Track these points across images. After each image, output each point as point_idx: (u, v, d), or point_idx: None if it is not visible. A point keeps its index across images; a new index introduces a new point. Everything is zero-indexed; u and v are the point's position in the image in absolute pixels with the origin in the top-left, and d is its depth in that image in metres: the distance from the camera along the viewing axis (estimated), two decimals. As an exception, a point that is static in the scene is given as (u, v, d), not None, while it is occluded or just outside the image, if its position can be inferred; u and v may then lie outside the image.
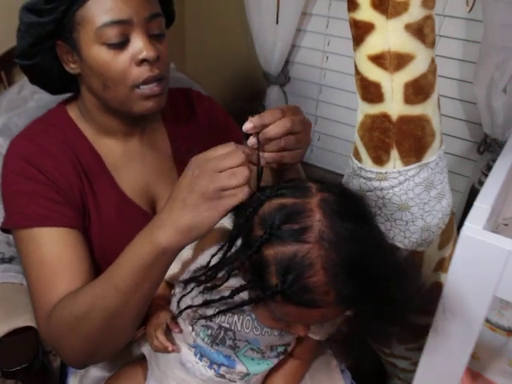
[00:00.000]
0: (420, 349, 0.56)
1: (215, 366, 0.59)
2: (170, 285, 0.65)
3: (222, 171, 0.47)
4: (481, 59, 0.89)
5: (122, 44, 0.60)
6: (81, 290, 0.56)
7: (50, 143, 0.66)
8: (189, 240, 0.49)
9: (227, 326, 0.57)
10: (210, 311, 0.55)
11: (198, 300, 0.54)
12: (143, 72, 0.61)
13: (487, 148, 1.00)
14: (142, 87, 0.62)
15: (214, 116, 0.84)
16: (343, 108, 1.22)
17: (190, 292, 0.55)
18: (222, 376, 0.60)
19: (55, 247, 0.60)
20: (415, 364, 0.58)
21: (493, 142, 0.97)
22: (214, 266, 0.51)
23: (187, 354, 0.60)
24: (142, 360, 0.70)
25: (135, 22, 0.60)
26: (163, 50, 0.64)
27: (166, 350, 0.59)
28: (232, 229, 0.49)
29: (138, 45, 0.60)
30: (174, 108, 0.80)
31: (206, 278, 0.51)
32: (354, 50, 0.55)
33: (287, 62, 1.24)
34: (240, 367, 0.60)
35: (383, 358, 0.89)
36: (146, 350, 0.68)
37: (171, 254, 0.51)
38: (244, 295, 0.51)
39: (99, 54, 0.60)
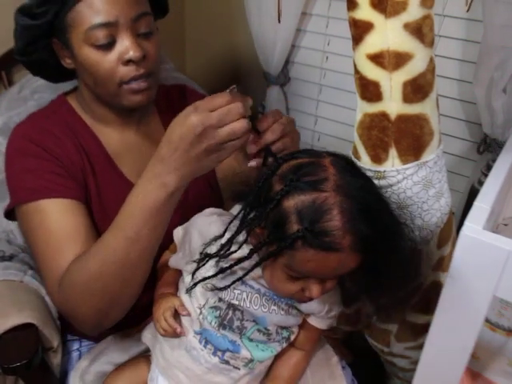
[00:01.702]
0: (419, 348, 0.56)
1: (219, 353, 0.60)
2: (178, 271, 0.66)
3: (223, 126, 0.51)
4: (481, 59, 0.89)
5: (109, 45, 0.63)
6: (90, 249, 0.59)
7: (52, 125, 0.69)
8: (192, 179, 0.55)
9: (236, 302, 0.58)
10: (224, 283, 0.56)
11: (213, 272, 0.56)
12: (129, 71, 0.64)
13: (487, 148, 1.00)
14: (130, 83, 0.65)
15: None
16: (343, 108, 1.22)
17: (204, 264, 0.57)
18: (227, 362, 0.61)
19: (62, 217, 0.63)
20: (414, 363, 0.58)
21: (492, 141, 0.97)
22: (235, 229, 0.53)
23: (192, 341, 0.61)
24: (145, 354, 0.71)
25: (122, 23, 0.62)
26: (151, 47, 0.66)
27: (174, 333, 0.60)
28: (248, 194, 0.53)
29: (124, 45, 0.63)
30: (169, 102, 0.83)
31: (225, 244, 0.54)
32: (354, 49, 0.55)
33: (287, 62, 1.24)
34: (244, 352, 0.61)
35: (382, 357, 0.89)
36: (149, 341, 0.68)
37: (178, 195, 0.56)
38: (247, 265, 0.53)
39: (88, 55, 0.63)
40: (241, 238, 0.53)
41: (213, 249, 0.56)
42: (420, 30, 0.51)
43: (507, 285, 0.44)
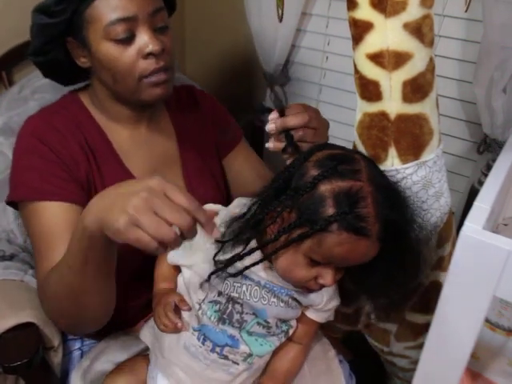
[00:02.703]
0: (419, 347, 0.56)
1: (218, 349, 0.61)
2: (176, 267, 0.66)
3: (159, 215, 0.45)
4: (480, 59, 0.89)
5: (128, 39, 0.64)
6: (54, 268, 0.59)
7: (59, 122, 0.70)
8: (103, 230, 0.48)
9: (236, 295, 0.58)
10: (234, 269, 0.56)
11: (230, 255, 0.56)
12: (149, 65, 0.65)
13: (487, 148, 1.00)
14: (150, 77, 0.66)
15: (218, 112, 0.89)
16: (343, 108, 1.22)
17: (221, 249, 0.56)
18: (226, 357, 0.61)
19: (58, 219, 0.64)
20: (414, 363, 0.58)
21: (492, 142, 0.97)
22: (258, 210, 0.54)
23: (190, 338, 0.61)
24: (144, 354, 0.71)
25: (140, 17, 0.63)
26: (167, 41, 0.67)
27: (175, 328, 0.61)
28: (276, 177, 0.55)
29: (144, 39, 0.64)
30: (178, 101, 0.84)
31: (250, 224, 0.54)
32: (353, 48, 0.55)
33: (287, 62, 1.24)
34: (243, 347, 0.61)
35: (382, 357, 0.89)
36: (148, 340, 0.69)
37: (99, 238, 0.49)
38: (246, 262, 0.54)
39: (108, 50, 0.64)
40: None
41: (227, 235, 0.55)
42: (420, 30, 0.51)
43: (507, 285, 0.44)
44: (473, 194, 1.03)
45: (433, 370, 0.56)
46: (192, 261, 0.61)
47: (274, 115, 0.60)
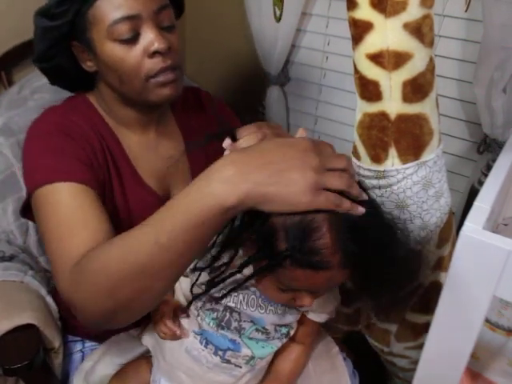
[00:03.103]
0: (419, 348, 0.56)
1: (220, 353, 0.60)
2: None
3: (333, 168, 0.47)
4: (480, 59, 0.89)
5: (133, 38, 0.62)
6: (116, 239, 0.50)
7: (78, 117, 0.68)
8: (254, 207, 0.43)
9: (233, 305, 0.58)
10: (217, 294, 0.56)
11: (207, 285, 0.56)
12: (156, 63, 0.63)
13: (487, 148, 1.00)
14: (157, 76, 0.64)
15: (223, 114, 0.88)
16: (343, 108, 1.22)
17: (197, 279, 0.56)
18: (228, 361, 0.61)
19: (75, 202, 0.59)
20: (414, 363, 0.58)
21: (492, 142, 0.97)
22: (221, 243, 0.52)
23: (192, 342, 0.61)
24: (147, 356, 0.71)
25: (144, 16, 0.62)
26: (174, 40, 0.66)
27: (174, 336, 0.60)
28: None
29: (149, 38, 0.62)
30: (184, 104, 0.83)
31: (213, 258, 0.53)
32: (353, 48, 0.55)
33: (287, 62, 1.24)
34: (245, 350, 0.61)
35: (382, 357, 0.89)
36: (150, 343, 0.68)
37: (234, 214, 0.44)
38: (248, 271, 0.52)
39: (113, 51, 0.62)
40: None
41: (206, 259, 0.55)
42: (420, 30, 0.51)
43: (507, 285, 0.44)
44: (473, 194, 1.03)
45: (433, 370, 0.56)
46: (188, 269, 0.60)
47: (227, 142, 0.53)
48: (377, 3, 0.50)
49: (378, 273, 0.49)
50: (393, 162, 0.56)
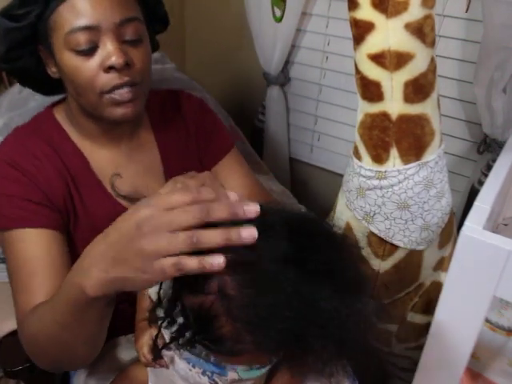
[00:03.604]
0: (420, 348, 0.56)
1: (208, 373, 0.57)
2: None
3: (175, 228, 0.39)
4: (481, 59, 0.89)
5: (90, 50, 0.59)
6: (38, 308, 0.55)
7: (35, 145, 0.66)
8: (119, 290, 0.43)
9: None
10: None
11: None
12: (111, 79, 0.60)
13: (487, 148, 1.00)
14: (112, 93, 0.61)
15: (202, 121, 0.82)
16: (343, 108, 1.22)
17: (159, 332, 0.52)
18: (216, 383, 0.59)
19: (33, 250, 0.60)
20: (415, 363, 0.58)
21: (492, 142, 0.97)
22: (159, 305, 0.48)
23: (179, 362, 0.58)
24: None
25: (104, 27, 0.58)
26: (138, 56, 0.62)
27: (154, 367, 0.58)
28: None
29: (106, 51, 0.59)
30: (162, 111, 0.78)
31: (164, 316, 0.48)
32: (355, 49, 0.55)
33: (287, 62, 1.24)
34: (232, 374, 0.57)
35: (383, 358, 0.89)
36: None
37: (103, 302, 0.45)
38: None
39: (69, 60, 0.60)
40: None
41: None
42: (421, 30, 0.51)
43: (507, 285, 0.44)
44: (473, 194, 1.03)
45: (433, 370, 0.56)
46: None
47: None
48: (378, 3, 0.51)
49: (304, 347, 0.41)
50: (394, 162, 0.56)
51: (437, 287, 0.69)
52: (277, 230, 0.41)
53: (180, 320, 0.45)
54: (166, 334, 0.53)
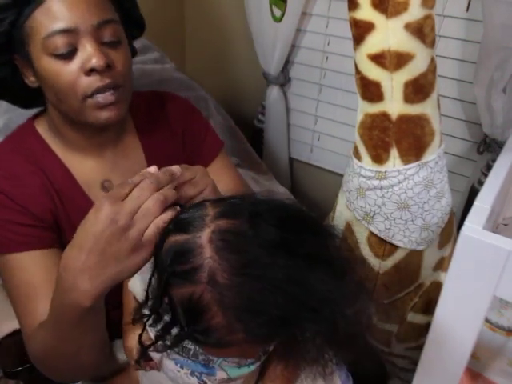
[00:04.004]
0: (420, 348, 0.56)
1: (197, 374, 0.57)
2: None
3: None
4: (480, 59, 0.89)
5: (69, 54, 0.58)
6: (39, 328, 0.56)
7: (17, 164, 0.65)
8: (114, 284, 0.46)
9: (192, 347, 0.55)
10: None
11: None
12: (93, 82, 0.59)
13: (487, 148, 1.00)
14: (95, 96, 0.60)
15: (189, 121, 0.81)
16: (343, 108, 1.22)
17: (144, 329, 0.53)
18: (205, 383, 0.58)
19: (29, 271, 0.60)
20: (415, 363, 0.58)
21: (492, 142, 0.98)
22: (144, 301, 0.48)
23: (168, 363, 0.58)
24: None
25: (82, 30, 0.57)
26: (118, 57, 0.61)
27: (144, 370, 0.58)
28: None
29: (86, 53, 0.58)
30: (146, 113, 0.77)
31: (150, 312, 0.48)
32: (354, 49, 0.55)
33: (287, 62, 1.24)
34: (220, 374, 0.58)
35: (383, 358, 0.89)
36: None
37: (99, 306, 0.49)
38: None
39: (48, 65, 0.58)
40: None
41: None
42: (421, 30, 0.51)
43: (507, 285, 0.44)
44: (473, 194, 1.03)
45: (433, 370, 0.56)
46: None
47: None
48: (378, 4, 0.51)
49: (296, 337, 0.43)
50: (394, 162, 0.56)
51: (437, 287, 0.69)
52: (265, 217, 0.42)
53: (166, 318, 0.46)
54: (152, 333, 0.53)
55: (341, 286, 0.42)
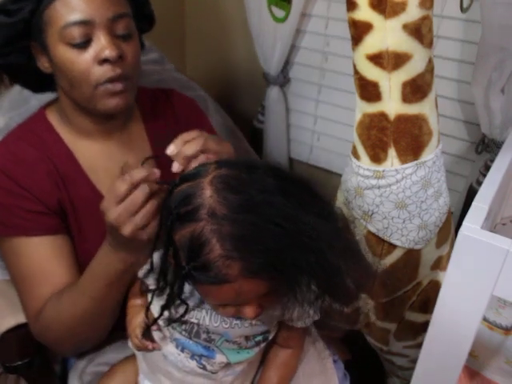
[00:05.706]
0: (418, 346, 0.57)
1: (197, 357, 0.59)
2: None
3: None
4: (479, 60, 0.89)
5: (84, 44, 0.61)
6: (62, 298, 0.62)
7: (26, 151, 0.67)
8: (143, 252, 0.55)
9: (196, 321, 0.56)
10: (180, 310, 0.54)
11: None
12: (105, 71, 0.62)
13: (485, 148, 1.01)
14: (105, 85, 0.63)
15: (197, 121, 0.83)
16: (343, 108, 1.22)
17: (151, 301, 0.56)
18: (204, 367, 0.59)
19: (33, 257, 0.64)
20: (413, 361, 0.58)
21: (490, 142, 0.98)
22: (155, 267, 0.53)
23: (169, 346, 0.60)
24: (135, 357, 0.70)
25: (98, 22, 0.61)
26: (129, 50, 0.64)
27: (146, 349, 0.59)
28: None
29: (100, 45, 0.61)
30: (153, 107, 0.80)
31: (157, 281, 0.53)
32: (353, 49, 0.56)
33: (287, 63, 1.24)
34: (220, 357, 0.59)
35: (381, 356, 0.89)
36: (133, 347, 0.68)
37: (132, 269, 0.59)
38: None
39: (64, 54, 0.62)
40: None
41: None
42: (419, 31, 0.52)
43: (505, 284, 0.44)
44: (471, 194, 1.03)
45: (431, 369, 0.56)
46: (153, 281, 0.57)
47: (171, 149, 0.57)
48: (376, 4, 0.51)
49: (311, 275, 0.45)
50: (392, 162, 0.57)
51: (435, 286, 0.70)
52: (264, 170, 0.47)
53: (169, 289, 0.51)
54: (156, 310, 0.56)
55: (330, 226, 0.46)
